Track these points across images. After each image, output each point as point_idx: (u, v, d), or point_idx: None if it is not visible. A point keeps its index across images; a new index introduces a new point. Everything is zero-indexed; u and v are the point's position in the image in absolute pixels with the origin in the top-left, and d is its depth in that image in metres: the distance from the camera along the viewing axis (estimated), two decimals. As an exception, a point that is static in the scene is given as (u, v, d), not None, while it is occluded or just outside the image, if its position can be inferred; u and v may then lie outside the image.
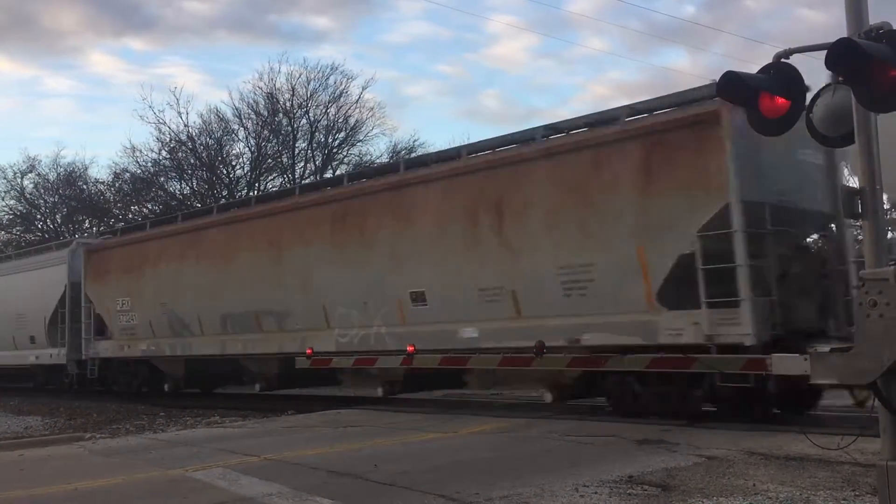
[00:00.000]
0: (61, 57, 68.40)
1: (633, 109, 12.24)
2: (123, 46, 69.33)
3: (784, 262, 11.06)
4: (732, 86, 5.87)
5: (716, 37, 67.27)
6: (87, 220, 45.59)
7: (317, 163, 40.31)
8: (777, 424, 10.42)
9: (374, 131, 41.06)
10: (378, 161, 38.02)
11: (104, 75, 69.89)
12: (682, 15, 60.67)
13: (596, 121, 12.84)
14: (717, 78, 6.12)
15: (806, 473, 7.34)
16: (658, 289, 11.22)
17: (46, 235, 44.24)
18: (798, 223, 11.51)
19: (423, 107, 66.22)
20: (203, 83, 68.12)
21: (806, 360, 5.27)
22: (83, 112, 72.40)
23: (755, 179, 10.72)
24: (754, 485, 7.00)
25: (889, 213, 9.32)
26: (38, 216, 47.50)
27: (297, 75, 39.68)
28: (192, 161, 40.52)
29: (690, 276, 10.73)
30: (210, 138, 40.31)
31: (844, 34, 5.36)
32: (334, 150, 40.71)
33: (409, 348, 14.47)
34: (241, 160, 40.97)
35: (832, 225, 11.84)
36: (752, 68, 5.97)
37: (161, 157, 40.56)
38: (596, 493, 7.02)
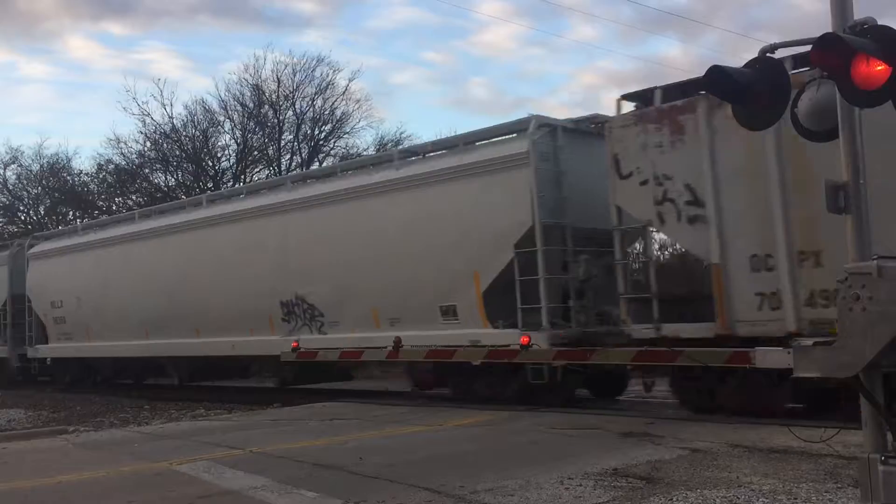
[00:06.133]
0: (38, 41, 67.71)
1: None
2: (102, 31, 68.62)
3: None
4: (718, 81, 5.88)
5: (708, 25, 67.34)
6: (70, 212, 45.33)
7: (303, 155, 40.19)
8: (761, 418, 10.48)
9: (361, 123, 40.98)
10: (365, 152, 37.96)
11: (83, 60, 69.02)
12: (675, 3, 60.67)
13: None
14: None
15: (789, 466, 7.39)
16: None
17: (29, 227, 43.93)
18: None
19: (410, 95, 66.00)
20: (185, 69, 67.43)
21: (789, 353, 5.28)
22: (62, 99, 71.75)
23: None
24: (738, 477, 7.04)
25: None
26: (22, 207, 47.18)
27: (283, 67, 39.55)
28: (177, 153, 40.32)
29: None
30: (195, 130, 40.14)
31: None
32: (321, 143, 40.61)
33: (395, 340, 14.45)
34: (226, 152, 40.83)
35: None
36: (746, 58, 5.98)
37: (146, 149, 40.38)
38: (581, 485, 7.04)
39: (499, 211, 13.10)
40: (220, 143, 40.70)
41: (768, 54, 5.84)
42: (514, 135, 13.67)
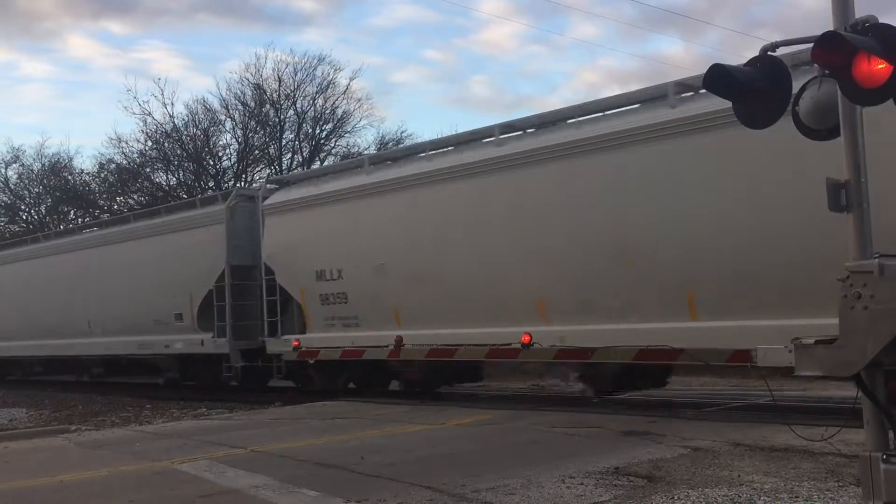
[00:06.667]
0: (38, 40, 67.54)
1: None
2: (102, 29, 68.43)
3: None
4: (719, 79, 5.87)
5: (710, 24, 67.23)
6: (72, 212, 45.39)
7: (304, 154, 40.26)
8: (763, 416, 10.48)
9: (362, 122, 41.03)
10: (366, 151, 37.96)
11: (83, 59, 69.07)
12: (676, 1, 60.62)
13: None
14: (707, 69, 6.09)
15: (790, 464, 7.38)
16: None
17: (31, 227, 43.98)
18: None
19: (411, 94, 65.88)
20: (185, 68, 67.40)
21: (791, 351, 5.27)
22: (63, 98, 71.62)
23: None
24: (739, 476, 7.03)
25: None
26: (23, 207, 47.24)
27: (284, 66, 39.59)
28: (178, 152, 40.39)
29: None
30: (197, 129, 40.20)
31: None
32: (322, 142, 40.66)
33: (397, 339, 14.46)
34: (227, 151, 40.89)
35: None
36: (747, 56, 5.97)
37: (147, 149, 40.43)
38: (582, 483, 7.04)
39: None
40: (221, 143, 40.82)
41: (769, 53, 5.83)
42: None
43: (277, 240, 17.16)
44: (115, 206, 41.50)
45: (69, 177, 45.35)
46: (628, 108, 12.35)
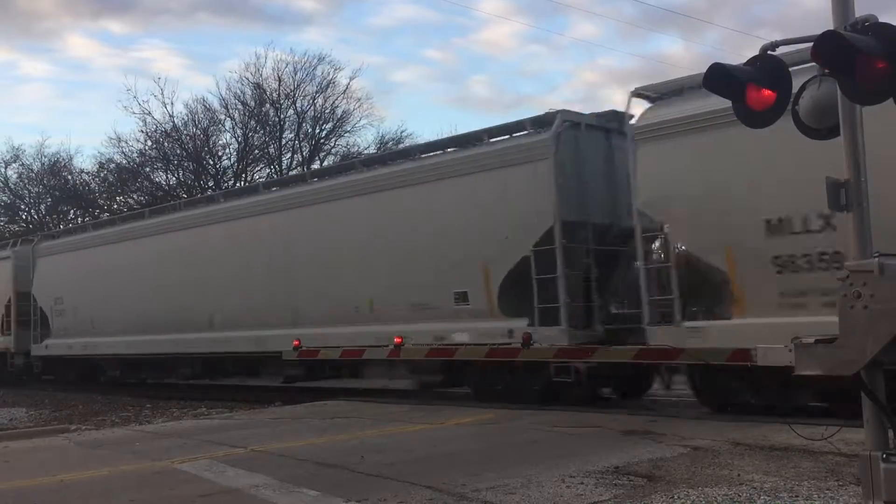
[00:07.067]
0: (38, 40, 67.69)
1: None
2: (102, 29, 68.74)
3: None
4: (719, 78, 5.88)
5: (710, 23, 67.30)
6: (71, 211, 45.39)
7: (304, 154, 40.29)
8: (762, 416, 10.48)
9: (362, 122, 41.04)
10: (365, 151, 37.99)
11: (83, 59, 69.44)
12: (677, 0, 60.57)
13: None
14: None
15: (790, 464, 7.39)
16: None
17: (31, 226, 44.00)
18: None
19: (411, 93, 66.05)
20: (185, 67, 67.73)
21: (790, 350, 5.27)
22: (63, 98, 71.86)
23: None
24: (739, 475, 7.04)
25: None
26: (23, 206, 47.25)
27: (284, 65, 39.62)
28: (178, 152, 40.40)
29: None
30: (196, 128, 40.22)
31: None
32: (322, 141, 40.68)
33: (397, 340, 14.44)
34: (227, 150, 40.91)
35: None
36: (747, 55, 5.98)
37: (147, 148, 40.44)
38: (582, 483, 7.04)
39: None
40: (220, 142, 40.86)
41: (769, 52, 5.83)
42: None
43: (669, 178, 11.74)
44: (115, 206, 41.52)
45: (69, 176, 45.48)
46: None
